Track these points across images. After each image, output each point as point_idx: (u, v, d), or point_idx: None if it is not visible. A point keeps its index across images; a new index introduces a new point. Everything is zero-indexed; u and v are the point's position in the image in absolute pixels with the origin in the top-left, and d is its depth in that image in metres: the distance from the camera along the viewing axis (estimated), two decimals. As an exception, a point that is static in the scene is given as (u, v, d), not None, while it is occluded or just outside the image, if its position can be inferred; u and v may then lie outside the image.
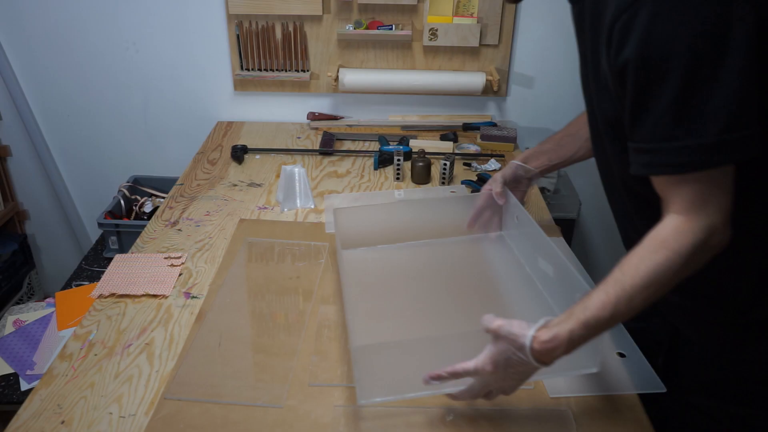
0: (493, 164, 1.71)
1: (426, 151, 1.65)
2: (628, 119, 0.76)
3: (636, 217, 0.95)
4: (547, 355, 0.78)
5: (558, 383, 0.97)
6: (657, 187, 0.79)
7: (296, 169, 1.49)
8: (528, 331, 0.78)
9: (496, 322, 0.81)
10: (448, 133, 1.86)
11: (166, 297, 1.18)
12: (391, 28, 1.83)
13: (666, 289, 0.77)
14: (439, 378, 0.85)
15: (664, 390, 0.94)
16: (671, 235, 0.76)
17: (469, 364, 0.83)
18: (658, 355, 1.03)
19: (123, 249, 1.75)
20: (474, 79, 1.86)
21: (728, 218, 0.76)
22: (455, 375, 0.84)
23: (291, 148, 1.82)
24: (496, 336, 0.81)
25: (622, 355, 1.03)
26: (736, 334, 0.93)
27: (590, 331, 0.77)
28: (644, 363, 1.00)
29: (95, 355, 1.04)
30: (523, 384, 0.85)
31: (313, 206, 1.49)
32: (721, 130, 0.69)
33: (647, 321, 1.06)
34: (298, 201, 1.49)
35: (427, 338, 0.93)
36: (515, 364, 0.80)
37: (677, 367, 1.02)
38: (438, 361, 0.87)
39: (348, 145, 1.84)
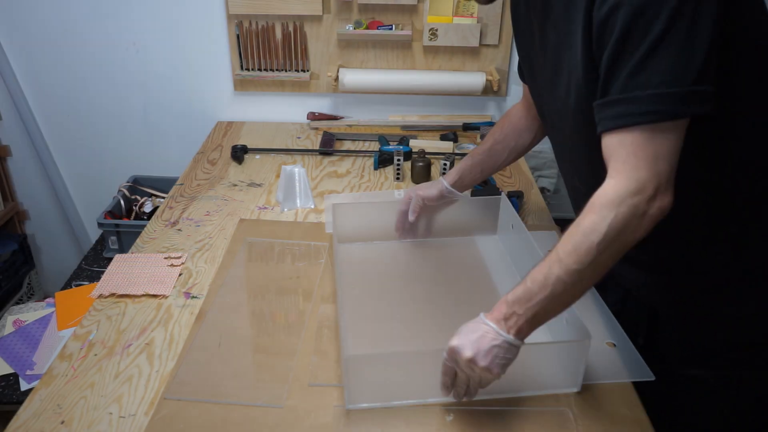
0: (493, 164, 1.70)
1: (426, 151, 1.65)
2: (604, 73, 0.77)
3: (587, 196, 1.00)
4: (498, 318, 0.82)
5: (551, 378, 0.97)
6: (604, 149, 0.79)
7: (296, 169, 1.49)
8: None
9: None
10: (448, 133, 1.86)
11: (166, 297, 1.18)
12: (391, 28, 1.83)
13: (604, 254, 0.77)
14: (446, 386, 0.90)
15: (653, 378, 0.96)
16: (600, 198, 0.78)
17: (444, 355, 0.86)
18: (637, 335, 1.05)
19: (123, 249, 1.75)
20: (474, 79, 1.86)
21: (668, 183, 0.76)
22: (447, 374, 0.88)
23: (291, 148, 1.82)
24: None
25: (612, 344, 1.04)
26: (712, 301, 0.96)
27: (528, 293, 0.80)
28: (633, 352, 1.02)
29: (95, 355, 1.04)
30: (505, 370, 0.85)
31: (313, 206, 1.49)
32: (693, 81, 0.72)
33: (623, 303, 1.10)
34: (298, 201, 1.49)
35: (415, 352, 0.97)
36: (482, 334, 0.82)
37: (659, 344, 1.04)
38: (425, 371, 0.91)
39: (348, 145, 1.84)
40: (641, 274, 1.01)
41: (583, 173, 0.98)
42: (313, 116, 1.97)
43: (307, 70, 1.92)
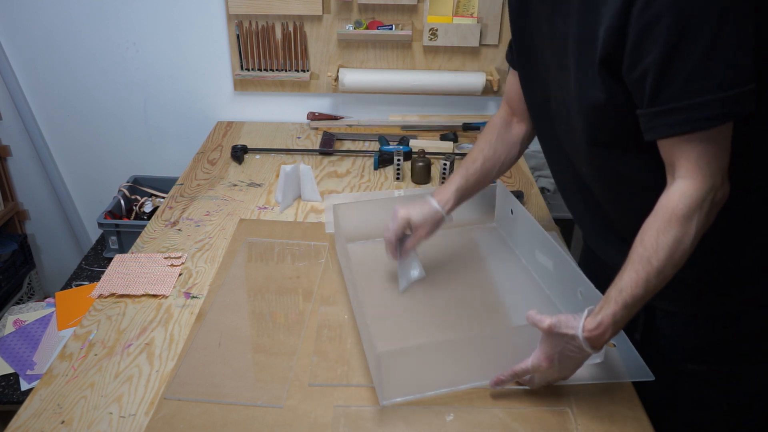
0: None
1: (426, 151, 1.65)
2: (653, 82, 0.76)
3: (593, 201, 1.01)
4: (596, 341, 0.83)
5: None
6: (665, 151, 0.81)
7: (301, 166, 1.49)
8: (578, 323, 0.83)
9: (547, 322, 0.85)
10: (448, 133, 1.86)
11: (166, 297, 1.18)
12: (391, 28, 1.83)
13: (690, 252, 0.81)
14: (501, 382, 0.92)
15: (653, 378, 0.96)
16: (680, 202, 0.79)
17: (526, 364, 0.89)
18: (634, 331, 1.06)
19: (123, 249, 1.75)
20: (474, 79, 1.86)
21: (726, 173, 0.79)
22: (515, 375, 0.90)
23: (291, 148, 1.82)
24: (548, 334, 0.86)
25: (612, 344, 1.04)
26: (709, 296, 0.97)
27: (629, 309, 0.82)
28: (633, 352, 1.01)
29: (95, 355, 1.04)
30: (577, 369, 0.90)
31: (320, 200, 1.50)
32: (745, 81, 0.73)
33: None
34: (302, 196, 1.50)
35: (443, 341, 0.96)
36: (569, 355, 0.86)
37: (656, 340, 1.04)
38: (454, 358, 0.92)
39: (348, 145, 1.84)
40: None
41: (587, 168, 0.97)
42: (313, 116, 1.97)
43: (307, 70, 1.92)
